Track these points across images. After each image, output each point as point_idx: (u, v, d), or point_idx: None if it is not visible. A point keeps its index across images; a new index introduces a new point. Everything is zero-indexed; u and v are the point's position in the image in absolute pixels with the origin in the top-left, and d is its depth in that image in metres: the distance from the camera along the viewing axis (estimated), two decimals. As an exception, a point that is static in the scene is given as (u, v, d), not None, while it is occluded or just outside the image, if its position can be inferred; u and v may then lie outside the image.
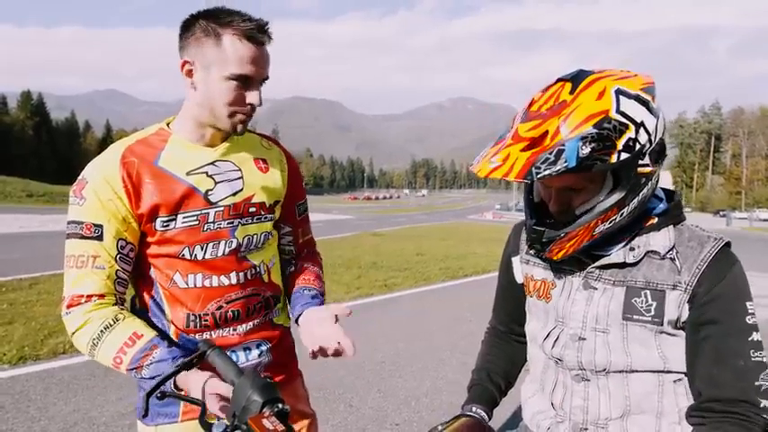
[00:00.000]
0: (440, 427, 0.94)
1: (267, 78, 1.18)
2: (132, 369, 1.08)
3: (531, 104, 0.94)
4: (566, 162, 0.85)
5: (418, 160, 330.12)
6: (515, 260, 1.21)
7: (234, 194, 1.21)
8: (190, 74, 1.15)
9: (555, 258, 1.01)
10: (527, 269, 1.17)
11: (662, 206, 1.04)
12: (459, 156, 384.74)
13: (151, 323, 1.19)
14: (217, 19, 1.12)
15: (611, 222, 0.95)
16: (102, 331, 1.09)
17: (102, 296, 1.13)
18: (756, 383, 0.90)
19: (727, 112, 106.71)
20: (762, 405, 0.89)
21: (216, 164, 1.20)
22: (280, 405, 0.82)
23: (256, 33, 1.12)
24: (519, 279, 1.20)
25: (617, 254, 1.01)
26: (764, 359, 0.93)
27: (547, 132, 0.88)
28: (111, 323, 1.10)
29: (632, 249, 1.00)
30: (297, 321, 1.26)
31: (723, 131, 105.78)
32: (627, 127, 0.88)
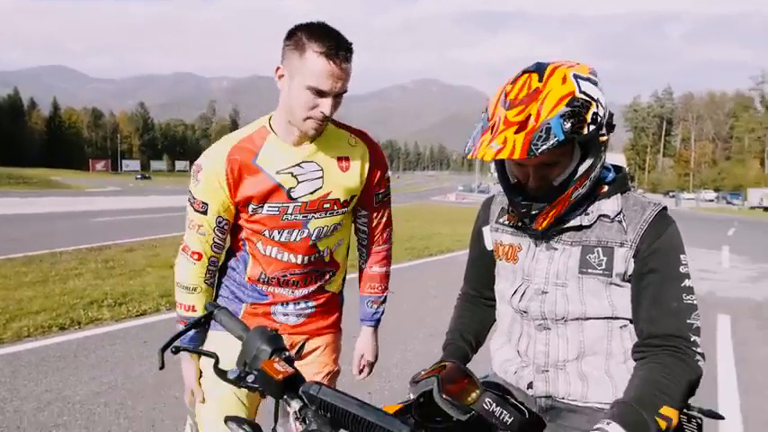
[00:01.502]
0: (422, 372, 1.06)
1: (345, 92, 1.35)
2: (176, 316, 1.53)
3: (506, 94, 1.07)
4: (556, 137, 0.99)
5: (382, 142, 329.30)
6: (486, 230, 1.35)
7: (312, 193, 1.45)
8: (281, 78, 1.35)
9: (541, 228, 1.15)
10: (496, 236, 1.31)
11: (611, 176, 1.20)
12: (422, 138, 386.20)
13: (234, 266, 1.55)
14: (308, 34, 1.29)
15: (583, 188, 1.11)
16: (184, 287, 1.51)
17: (201, 255, 1.50)
18: (688, 321, 1.07)
19: (678, 97, 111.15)
20: (692, 339, 1.07)
21: (301, 165, 1.43)
22: (286, 353, 0.93)
23: (334, 53, 1.27)
24: (489, 246, 1.34)
25: (574, 219, 1.17)
26: (695, 302, 1.10)
27: (530, 115, 1.02)
28: (191, 289, 1.50)
29: (587, 214, 1.16)
30: (360, 323, 1.70)
31: (674, 116, 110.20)
32: (590, 103, 1.04)
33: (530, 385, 1.22)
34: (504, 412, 0.94)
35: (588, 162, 1.09)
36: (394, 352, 4.26)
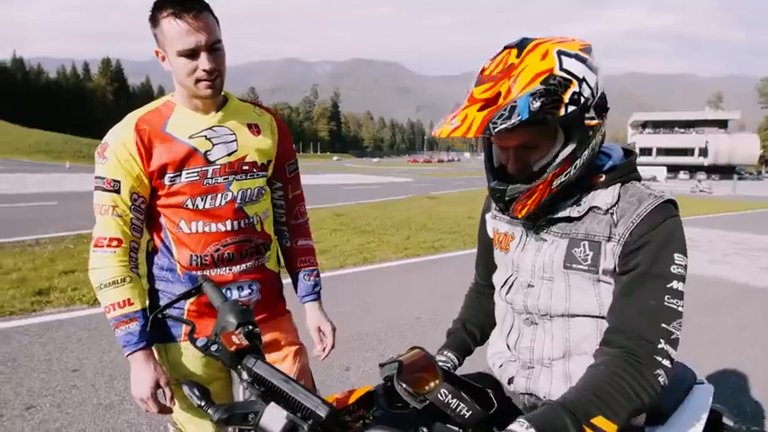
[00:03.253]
0: (394, 356, 1.06)
1: (217, 41, 1.31)
2: (111, 324, 1.36)
3: (482, 71, 1.01)
4: (519, 116, 0.91)
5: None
6: (488, 217, 1.30)
7: (229, 155, 1.42)
8: (163, 60, 1.34)
9: (519, 216, 1.08)
10: (495, 224, 1.26)
11: (610, 163, 1.09)
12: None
13: (161, 263, 1.45)
14: (156, 7, 1.28)
15: (566, 175, 1.02)
16: (110, 283, 1.35)
17: (120, 241, 1.37)
18: (663, 325, 0.95)
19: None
20: (660, 347, 0.94)
21: (214, 129, 1.40)
22: (250, 327, 0.97)
23: (180, 10, 1.25)
24: (490, 234, 1.29)
25: (564, 209, 1.08)
26: (680, 309, 0.96)
27: (499, 93, 0.95)
28: (119, 282, 1.35)
29: (578, 205, 1.07)
30: (301, 301, 1.65)
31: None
32: (570, 82, 0.94)
33: (510, 380, 1.17)
34: (462, 405, 0.91)
35: (570, 148, 0.99)
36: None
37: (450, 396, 0.91)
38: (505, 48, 1.00)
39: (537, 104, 0.91)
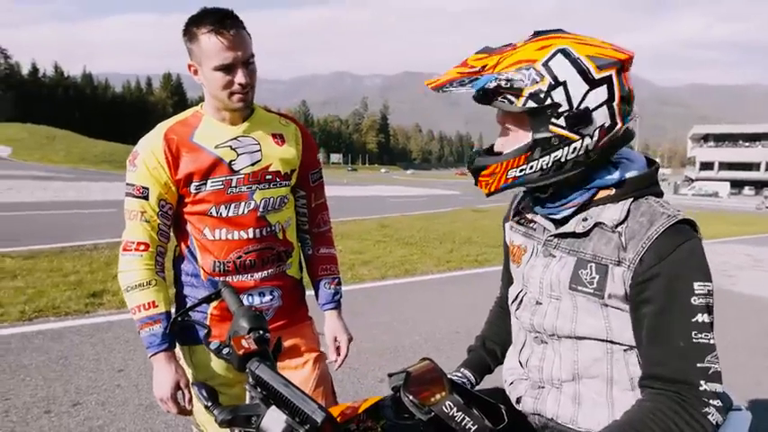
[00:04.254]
0: (405, 366, 1.05)
1: (251, 56, 1.38)
2: (137, 325, 1.41)
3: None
4: (471, 87, 0.93)
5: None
6: (506, 226, 1.27)
7: (253, 164, 1.46)
8: (196, 73, 1.40)
9: (485, 192, 1.06)
10: (511, 235, 1.23)
11: (614, 177, 1.01)
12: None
13: (186, 269, 1.51)
14: (194, 23, 1.34)
15: (521, 171, 0.99)
16: (136, 285, 1.41)
17: (147, 245, 1.43)
18: (699, 365, 0.88)
19: None
20: (702, 388, 0.87)
21: (239, 139, 1.45)
22: (261, 332, 0.99)
23: (220, 26, 1.31)
24: (508, 243, 1.25)
25: (570, 223, 1.03)
26: (711, 341, 0.89)
27: (485, 65, 0.95)
28: (145, 285, 1.41)
29: (585, 220, 1.01)
30: (321, 309, 1.66)
31: None
32: (542, 78, 0.91)
33: (518, 400, 1.13)
34: (467, 419, 0.89)
35: (526, 143, 0.96)
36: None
37: (455, 409, 0.89)
38: (534, 32, 1.00)
39: (493, 85, 0.92)
